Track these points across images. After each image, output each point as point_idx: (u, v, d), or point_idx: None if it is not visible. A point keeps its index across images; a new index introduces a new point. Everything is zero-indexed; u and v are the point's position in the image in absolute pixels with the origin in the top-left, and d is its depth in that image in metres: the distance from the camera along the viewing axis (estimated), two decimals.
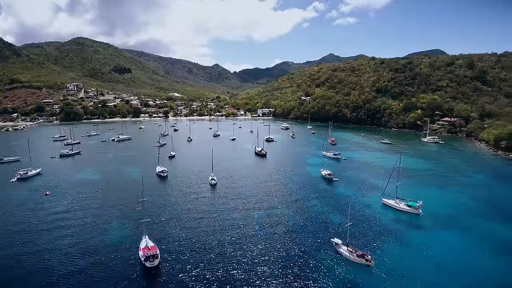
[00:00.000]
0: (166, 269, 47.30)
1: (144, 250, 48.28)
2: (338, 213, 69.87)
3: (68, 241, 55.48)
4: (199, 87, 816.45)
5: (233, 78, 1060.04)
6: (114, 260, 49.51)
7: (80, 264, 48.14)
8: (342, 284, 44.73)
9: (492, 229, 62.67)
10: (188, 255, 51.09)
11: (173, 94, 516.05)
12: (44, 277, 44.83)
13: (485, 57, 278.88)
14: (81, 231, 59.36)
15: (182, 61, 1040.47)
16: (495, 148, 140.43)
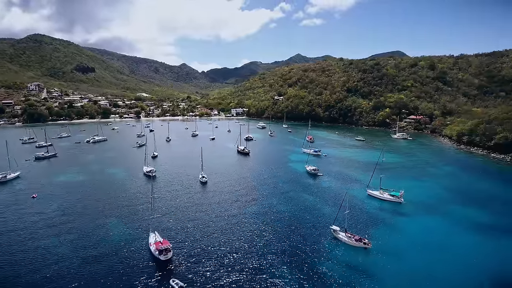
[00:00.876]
0: (178, 261, 48.71)
1: (157, 244, 49.34)
2: (329, 204, 74.61)
3: (77, 242, 54.69)
4: (166, 87, 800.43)
5: (201, 78, 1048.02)
6: (126, 257, 49.96)
7: (94, 264, 48.10)
8: (345, 265, 48.76)
9: (463, 212, 70.29)
10: (197, 248, 52.74)
11: (142, 94, 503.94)
12: (61, 278, 44.60)
13: (444, 59, 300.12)
14: (85, 232, 58.54)
15: (148, 60, 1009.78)
16: (457, 143, 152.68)
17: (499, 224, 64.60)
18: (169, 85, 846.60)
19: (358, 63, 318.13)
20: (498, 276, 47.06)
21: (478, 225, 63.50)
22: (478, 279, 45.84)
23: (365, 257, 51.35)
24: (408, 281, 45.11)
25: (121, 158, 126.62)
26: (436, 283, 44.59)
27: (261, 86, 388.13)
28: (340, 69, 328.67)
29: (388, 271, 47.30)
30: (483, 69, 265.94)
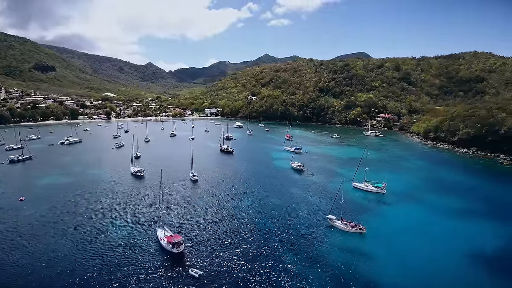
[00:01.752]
0: (190, 253, 50.70)
1: (169, 238, 50.93)
2: (319, 196, 79.66)
3: (86, 241, 54.82)
4: (132, 86, 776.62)
5: (169, 77, 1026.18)
6: (138, 251, 51.06)
7: (108, 260, 48.68)
8: (344, 248, 53.60)
9: (437, 200, 78.49)
10: (205, 240, 55.11)
11: (108, 95, 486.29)
12: (79, 275, 44.85)
13: (407, 60, 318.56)
14: (91, 231, 58.55)
15: (111, 59, 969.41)
16: (424, 139, 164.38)
17: (467, 208, 73.16)
18: (135, 85, 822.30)
19: (329, 64, 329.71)
20: (468, 249, 54.01)
21: (450, 210, 71.59)
22: (454, 253, 52.76)
23: (361, 241, 56.67)
24: (399, 258, 50.97)
25: (102, 159, 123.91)
26: (420, 258, 51.27)
27: (234, 86, 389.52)
28: (311, 69, 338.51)
29: (381, 251, 52.85)
30: (443, 70, 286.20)
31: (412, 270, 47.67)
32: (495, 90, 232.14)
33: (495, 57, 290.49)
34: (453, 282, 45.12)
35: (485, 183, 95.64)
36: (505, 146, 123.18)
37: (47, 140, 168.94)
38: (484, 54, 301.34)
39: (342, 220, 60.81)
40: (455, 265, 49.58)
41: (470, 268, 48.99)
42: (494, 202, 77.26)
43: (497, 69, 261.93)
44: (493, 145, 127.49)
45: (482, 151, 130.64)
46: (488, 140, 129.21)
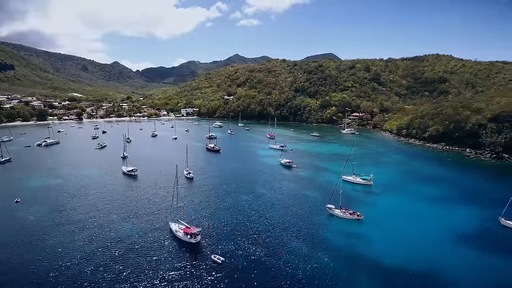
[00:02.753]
0: (207, 242, 53.90)
1: (186, 230, 53.65)
2: (312, 189, 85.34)
3: (102, 237, 55.83)
4: (98, 86, 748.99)
5: (136, 77, 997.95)
6: (155, 245, 53.19)
7: (128, 256, 50.44)
8: (344, 233, 59.12)
9: (417, 189, 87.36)
10: (218, 231, 58.35)
11: (74, 95, 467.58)
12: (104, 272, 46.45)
13: (376, 61, 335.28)
14: (100, 230, 59.37)
15: (74, 57, 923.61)
16: (397, 135, 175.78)
17: (443, 195, 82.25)
18: (101, 84, 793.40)
19: (302, 65, 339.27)
20: (447, 228, 62.00)
21: (429, 197, 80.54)
22: (436, 231, 60.83)
23: (359, 226, 62.81)
24: (393, 237, 57.91)
25: (87, 160, 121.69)
26: (410, 236, 58.59)
27: (209, 86, 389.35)
28: (285, 70, 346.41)
29: (378, 233, 59.26)
30: (409, 71, 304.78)
31: (404, 246, 54.44)
32: (457, 90, 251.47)
33: (455, 59, 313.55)
34: (436, 252, 52.65)
35: (455, 173, 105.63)
36: (470, 141, 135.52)
37: (20, 142, 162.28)
38: (445, 57, 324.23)
39: (341, 208, 66.19)
40: (437, 240, 57.12)
41: (449, 242, 56.64)
42: (464, 189, 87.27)
43: (458, 71, 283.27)
44: (459, 140, 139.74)
45: (450, 146, 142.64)
46: (455, 136, 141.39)
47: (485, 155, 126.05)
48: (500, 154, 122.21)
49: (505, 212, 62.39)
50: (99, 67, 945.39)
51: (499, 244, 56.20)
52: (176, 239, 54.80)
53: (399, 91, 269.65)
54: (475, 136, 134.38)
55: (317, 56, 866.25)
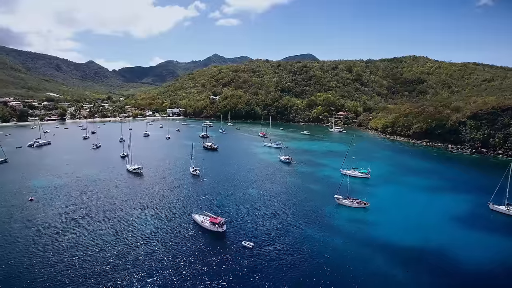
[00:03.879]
0: (232, 231, 58.06)
1: (212, 220, 57.79)
2: (314, 183, 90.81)
3: (128, 236, 58.69)
4: (73, 86, 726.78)
5: (113, 77, 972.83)
6: (183, 236, 56.99)
7: (160, 248, 54.01)
8: (352, 220, 65.02)
9: (410, 180, 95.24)
10: (240, 221, 62.71)
11: (53, 95, 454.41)
12: (141, 264, 49.61)
13: (357, 63, 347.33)
14: (124, 226, 62.02)
15: (46, 56, 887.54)
16: (382, 133, 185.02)
17: (433, 184, 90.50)
18: (76, 84, 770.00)
19: (286, 65, 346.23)
20: (440, 212, 69.44)
21: (421, 187, 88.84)
22: (431, 215, 68.19)
23: (366, 213, 69.04)
24: (396, 221, 64.56)
25: (87, 159, 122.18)
26: (410, 220, 65.72)
27: (193, 86, 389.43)
28: (270, 70, 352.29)
29: (383, 219, 65.72)
30: (389, 72, 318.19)
31: (405, 228, 61.35)
32: (434, 90, 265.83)
33: (431, 61, 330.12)
34: (434, 232, 59.87)
35: (442, 166, 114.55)
36: (451, 137, 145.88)
37: (9, 143, 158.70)
38: (422, 58, 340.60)
39: (348, 198, 72.01)
40: (434, 222, 64.47)
41: (445, 224, 64.00)
42: (452, 180, 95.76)
43: (434, 72, 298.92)
44: (441, 137, 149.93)
45: (433, 142, 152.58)
46: (438, 132, 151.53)
47: (465, 150, 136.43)
48: (479, 149, 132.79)
49: (493, 198, 69.91)
50: (73, 66, 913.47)
51: (489, 225, 63.85)
52: (203, 229, 58.52)
53: (381, 91, 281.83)
54: (455, 132, 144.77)
55: (296, 56, 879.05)
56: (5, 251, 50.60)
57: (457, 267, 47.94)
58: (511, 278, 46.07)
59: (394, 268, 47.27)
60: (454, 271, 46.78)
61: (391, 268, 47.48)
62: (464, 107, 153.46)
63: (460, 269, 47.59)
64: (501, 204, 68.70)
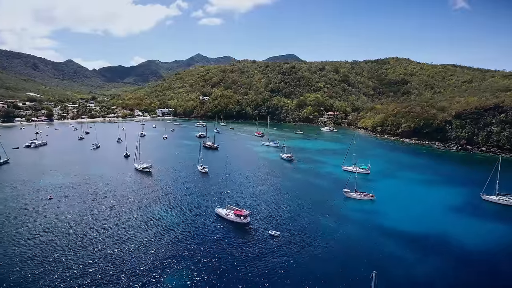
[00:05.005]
0: (255, 222, 62.50)
1: (237, 212, 62.28)
2: (320, 178, 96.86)
3: (160, 231, 62.28)
4: (52, 86, 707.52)
5: (93, 76, 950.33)
6: (211, 227, 61.21)
7: (190, 239, 57.95)
8: (361, 210, 71.08)
9: (406, 174, 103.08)
10: (260, 212, 67.06)
11: (34, 95, 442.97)
12: (176, 257, 53.38)
13: (343, 64, 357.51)
14: (149, 222, 65.53)
15: (22, 54, 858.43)
16: (372, 132, 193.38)
17: (426, 178, 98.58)
18: (55, 84, 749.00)
19: (275, 66, 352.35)
20: (441, 204, 75.49)
21: (416, 180, 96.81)
22: (429, 204, 75.16)
23: (372, 204, 75.11)
24: (400, 211, 70.64)
25: (90, 159, 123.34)
26: (411, 209, 72.39)
27: (181, 86, 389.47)
28: (258, 71, 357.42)
29: (388, 209, 71.87)
30: (373, 73, 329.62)
31: (408, 216, 67.88)
32: (417, 91, 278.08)
33: (413, 62, 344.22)
34: (433, 219, 66.48)
35: (432, 162, 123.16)
36: (438, 135, 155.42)
37: (3, 144, 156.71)
38: (404, 60, 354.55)
39: (356, 191, 77.86)
40: (433, 211, 71.26)
41: (442, 212, 70.80)
42: (444, 174, 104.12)
43: (417, 73, 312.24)
44: (429, 135, 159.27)
45: (421, 140, 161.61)
46: (425, 131, 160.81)
47: (452, 147, 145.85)
48: (464, 146, 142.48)
49: (485, 190, 77.38)
50: (51, 65, 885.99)
51: (481, 213, 71.22)
52: (228, 221, 62.66)
53: (367, 91, 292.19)
54: (442, 131, 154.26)
55: (279, 57, 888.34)
56: (49, 247, 53.06)
57: (457, 247, 54.52)
58: (502, 254, 53.29)
59: (403, 249, 53.47)
60: (455, 251, 53.38)
61: (400, 249, 53.60)
62: (449, 107, 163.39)
63: (460, 249, 54.16)
64: (492, 194, 76.16)
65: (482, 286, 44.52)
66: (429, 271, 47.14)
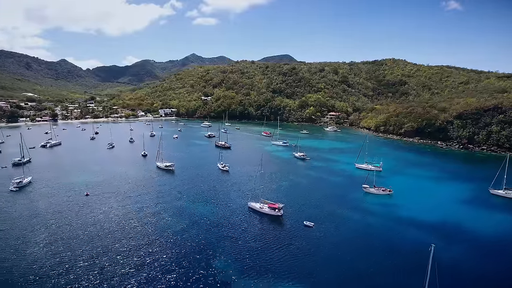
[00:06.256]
0: (286, 215, 67.94)
1: (271, 205, 67.64)
2: (335, 175, 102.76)
3: (196, 220, 67.50)
4: (47, 86, 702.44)
5: (87, 76, 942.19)
6: (248, 220, 66.53)
7: (230, 230, 63.34)
8: (380, 203, 76.99)
9: (415, 171, 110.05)
10: (288, 206, 72.18)
11: (32, 95, 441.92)
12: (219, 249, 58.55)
13: (341, 65, 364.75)
14: (184, 213, 70.95)
15: (15, 54, 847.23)
16: (375, 132, 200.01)
17: (434, 175, 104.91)
18: (48, 84, 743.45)
19: (275, 67, 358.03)
20: (452, 198, 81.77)
21: (425, 176, 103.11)
22: (444, 200, 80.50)
23: (390, 199, 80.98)
24: (415, 204, 76.77)
25: (110, 159, 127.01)
26: (426, 201, 78.78)
27: (182, 86, 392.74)
28: (258, 71, 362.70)
29: (405, 202, 77.85)
30: (371, 74, 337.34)
31: (425, 209, 73.77)
32: (415, 91, 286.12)
33: (410, 64, 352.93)
34: (446, 211, 72.28)
35: (437, 160, 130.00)
36: (440, 135, 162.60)
37: (17, 143, 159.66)
38: (401, 61, 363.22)
39: (374, 187, 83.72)
40: (445, 204, 77.30)
41: (454, 205, 76.88)
42: (451, 171, 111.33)
43: (414, 74, 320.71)
44: (431, 135, 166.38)
45: (424, 139, 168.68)
46: (428, 131, 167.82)
47: (454, 146, 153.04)
48: (466, 145, 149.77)
49: (493, 185, 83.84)
50: (44, 65, 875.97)
51: (490, 206, 77.59)
52: (262, 214, 67.88)
53: (366, 92, 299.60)
54: (444, 130, 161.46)
55: (274, 57, 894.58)
56: (110, 238, 57.74)
57: (470, 235, 60.88)
58: (509, 241, 59.57)
59: (428, 237, 58.91)
60: (469, 238, 59.67)
61: (425, 236, 59.20)
62: (450, 108, 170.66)
63: (473, 236, 60.54)
64: (500, 189, 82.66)
65: (504, 274, 49.47)
66: (456, 257, 52.91)
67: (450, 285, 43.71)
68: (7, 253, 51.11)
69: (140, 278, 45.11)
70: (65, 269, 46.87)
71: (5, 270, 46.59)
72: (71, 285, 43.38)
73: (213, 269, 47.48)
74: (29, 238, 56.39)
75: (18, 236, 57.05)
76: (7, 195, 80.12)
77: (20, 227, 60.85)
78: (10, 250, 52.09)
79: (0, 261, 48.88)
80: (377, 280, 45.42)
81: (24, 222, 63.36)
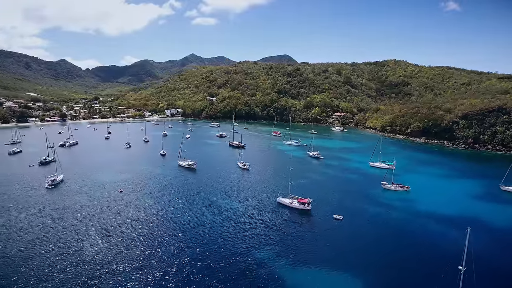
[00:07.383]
0: (313, 209, 72.70)
1: (301, 200, 72.42)
2: (351, 173, 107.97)
3: (229, 215, 72.55)
4: (47, 85, 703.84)
5: (87, 76, 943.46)
6: (281, 214, 71.40)
7: (267, 226, 67.92)
8: (398, 199, 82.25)
9: (426, 169, 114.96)
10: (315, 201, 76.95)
11: (38, 96, 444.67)
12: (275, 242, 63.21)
13: (344, 66, 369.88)
14: (216, 208, 75.89)
15: (15, 54, 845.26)
16: (382, 131, 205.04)
17: (448, 173, 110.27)
18: (48, 84, 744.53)
19: (279, 68, 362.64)
20: (464, 194, 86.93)
21: (436, 174, 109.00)
22: (457, 197, 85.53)
23: (408, 195, 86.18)
24: (431, 200, 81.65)
25: (130, 158, 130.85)
26: (441, 197, 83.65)
27: (186, 87, 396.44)
28: (262, 72, 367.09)
29: (421, 198, 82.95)
30: (374, 75, 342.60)
31: (440, 203, 78.71)
32: (418, 92, 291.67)
33: (412, 65, 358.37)
34: (460, 206, 77.37)
35: (446, 159, 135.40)
36: (446, 135, 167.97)
37: (34, 143, 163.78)
38: (403, 62, 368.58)
39: (393, 183, 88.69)
40: (459, 200, 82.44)
41: (467, 200, 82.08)
42: (461, 169, 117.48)
43: (416, 75, 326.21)
44: (437, 135, 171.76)
45: (430, 139, 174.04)
46: (434, 131, 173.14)
47: (460, 146, 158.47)
48: (472, 145, 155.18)
49: (503, 182, 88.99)
50: (44, 65, 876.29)
51: (503, 201, 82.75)
52: (291, 208, 72.63)
53: (370, 93, 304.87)
54: (450, 130, 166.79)
55: (273, 57, 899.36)
56: (156, 231, 62.36)
57: (486, 226, 66.18)
58: None
59: (447, 228, 64.09)
60: (485, 229, 64.62)
61: (445, 228, 64.48)
62: (454, 109, 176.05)
63: (488, 227, 65.77)
64: (511, 185, 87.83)
65: None
66: (477, 247, 57.70)
67: None
68: (69, 246, 55.58)
69: (200, 267, 49.76)
70: (131, 261, 51.45)
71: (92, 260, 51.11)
72: (137, 274, 47.91)
73: (259, 261, 52.08)
74: (81, 233, 60.80)
75: (68, 230, 61.50)
76: (45, 192, 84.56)
77: (68, 221, 65.24)
78: (67, 245, 56.57)
79: (70, 254, 53.38)
80: (413, 266, 50.38)
81: (71, 216, 67.83)
